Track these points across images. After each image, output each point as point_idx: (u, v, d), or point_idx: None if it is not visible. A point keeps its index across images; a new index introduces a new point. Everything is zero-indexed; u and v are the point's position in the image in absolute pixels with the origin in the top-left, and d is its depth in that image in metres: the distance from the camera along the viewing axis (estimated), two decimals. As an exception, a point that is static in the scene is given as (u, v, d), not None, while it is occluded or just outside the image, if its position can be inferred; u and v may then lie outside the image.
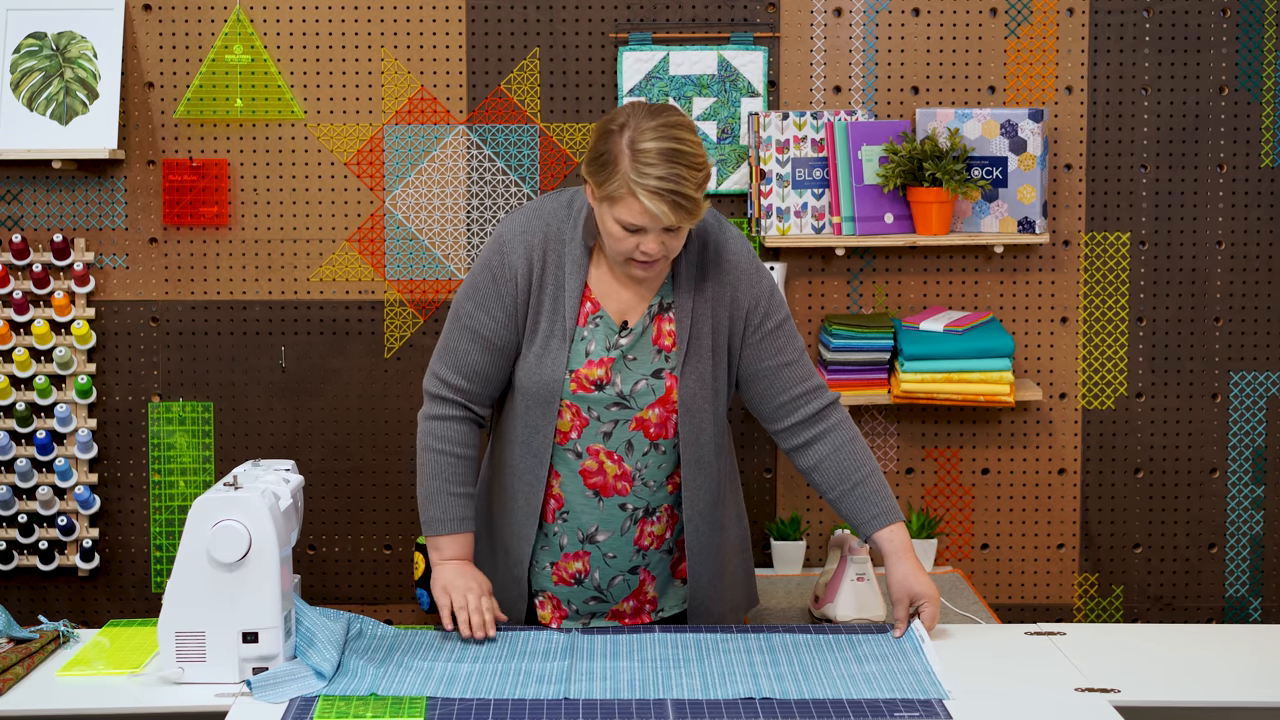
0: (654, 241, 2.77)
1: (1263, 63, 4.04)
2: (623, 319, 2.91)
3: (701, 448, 2.94)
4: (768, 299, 2.95)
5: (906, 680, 2.62)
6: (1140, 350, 4.13)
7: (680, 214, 2.73)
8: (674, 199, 2.72)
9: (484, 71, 4.02)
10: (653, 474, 2.94)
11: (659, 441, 2.93)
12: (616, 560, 2.98)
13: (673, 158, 2.72)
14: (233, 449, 4.10)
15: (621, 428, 2.91)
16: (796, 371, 2.97)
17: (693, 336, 2.91)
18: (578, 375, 2.89)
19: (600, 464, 2.93)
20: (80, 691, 2.61)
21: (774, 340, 2.95)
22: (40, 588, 4.13)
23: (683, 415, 2.91)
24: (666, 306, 2.92)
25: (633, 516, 2.96)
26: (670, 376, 2.90)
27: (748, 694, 2.56)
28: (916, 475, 4.14)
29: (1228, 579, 4.18)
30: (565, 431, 2.92)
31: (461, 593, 2.85)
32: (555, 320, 2.90)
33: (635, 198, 2.72)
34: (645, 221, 2.74)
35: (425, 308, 4.07)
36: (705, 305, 2.91)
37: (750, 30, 4.02)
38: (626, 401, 2.90)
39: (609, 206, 2.77)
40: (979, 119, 3.95)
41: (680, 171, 2.72)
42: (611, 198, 2.75)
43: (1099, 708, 2.51)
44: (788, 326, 2.98)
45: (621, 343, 2.90)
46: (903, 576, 2.89)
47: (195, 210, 4.03)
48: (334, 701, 2.54)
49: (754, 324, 2.94)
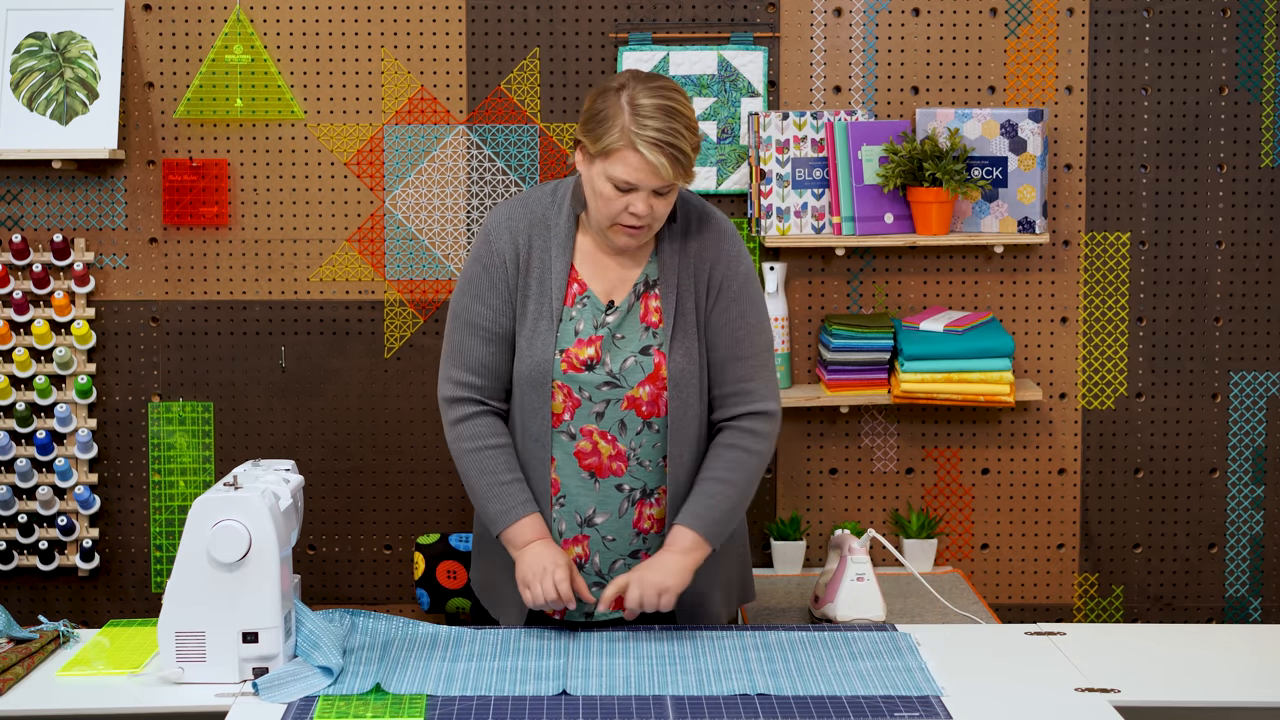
0: (643, 202, 2.81)
1: (1263, 63, 4.04)
2: (609, 298, 2.93)
3: (688, 423, 2.93)
4: (741, 284, 2.95)
5: (901, 677, 2.63)
6: (1140, 350, 4.13)
7: (676, 169, 2.79)
8: (672, 152, 2.77)
9: (484, 71, 4.02)
10: (647, 453, 2.94)
11: (652, 420, 2.93)
12: (616, 544, 2.98)
13: (671, 114, 2.79)
14: (233, 449, 4.10)
15: (614, 407, 2.92)
16: (742, 369, 2.95)
17: (679, 312, 2.92)
18: (568, 355, 2.90)
19: (595, 444, 2.93)
20: (80, 691, 2.62)
21: (734, 330, 2.95)
22: (40, 588, 4.13)
23: (671, 391, 2.91)
24: (652, 284, 2.94)
25: (630, 498, 2.96)
26: (659, 353, 2.92)
27: (743, 690, 2.56)
28: (916, 475, 4.14)
29: (1228, 579, 4.18)
30: (558, 413, 2.93)
31: (537, 586, 2.84)
32: (543, 302, 2.92)
33: (634, 149, 2.77)
34: (641, 177, 2.78)
35: (425, 308, 4.06)
36: (689, 281, 2.93)
37: (750, 30, 4.02)
38: (617, 380, 2.91)
39: (604, 163, 2.81)
40: (979, 119, 3.95)
41: (678, 127, 2.78)
42: (608, 152, 2.79)
43: (1099, 708, 2.51)
44: (753, 321, 2.96)
45: (609, 321, 2.92)
46: (653, 561, 2.88)
47: (195, 210, 4.03)
48: (334, 701, 2.54)
49: (723, 305, 2.95)
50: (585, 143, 2.84)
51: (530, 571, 2.86)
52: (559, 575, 2.83)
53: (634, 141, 2.76)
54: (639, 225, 2.84)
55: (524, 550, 2.90)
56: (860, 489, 4.14)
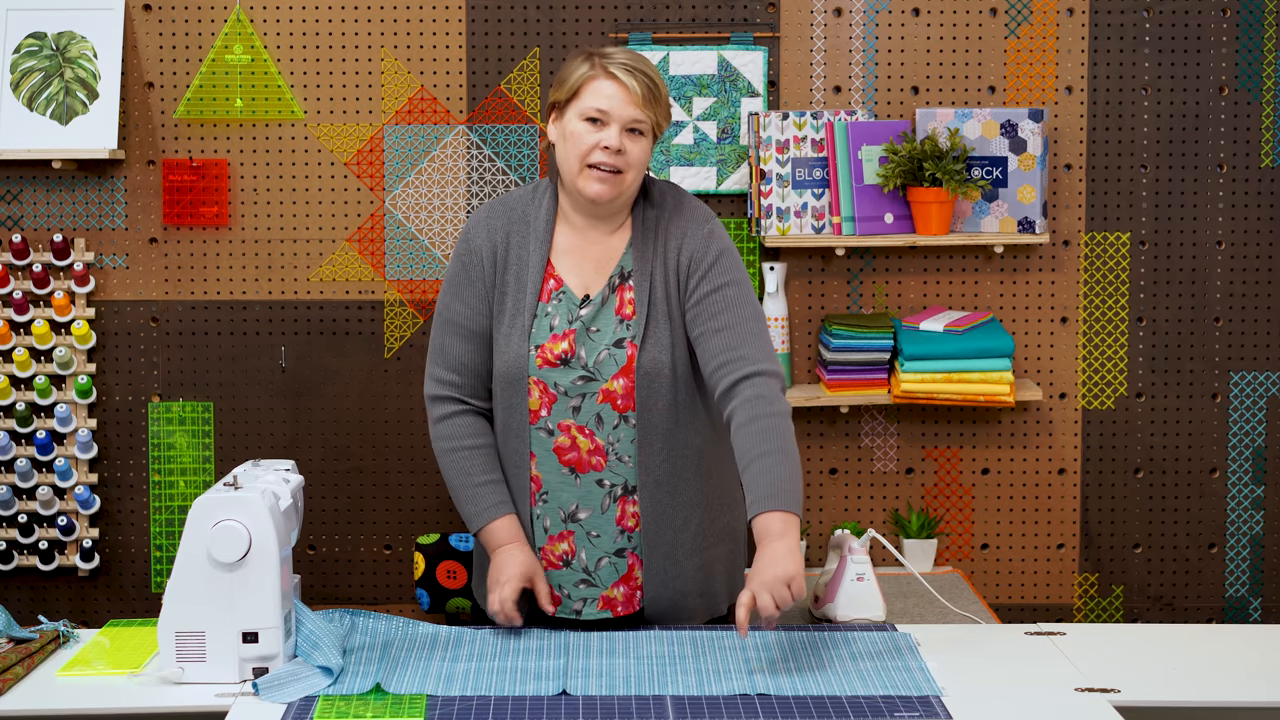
0: (615, 136, 2.85)
1: (1263, 63, 4.04)
2: (584, 292, 2.94)
3: (656, 414, 2.91)
4: (712, 262, 2.92)
5: (901, 677, 2.63)
6: (1140, 350, 4.13)
7: (648, 95, 2.87)
8: (643, 78, 2.87)
9: (484, 71, 4.02)
10: (625, 448, 2.94)
11: (628, 414, 2.93)
12: (601, 540, 2.98)
13: (636, 57, 2.90)
14: (233, 449, 4.10)
15: (589, 401, 2.92)
16: (725, 339, 2.86)
17: (652, 303, 2.92)
18: (542, 350, 2.92)
19: (573, 439, 2.94)
20: (80, 691, 2.61)
21: (709, 304, 2.89)
22: (40, 588, 4.13)
23: (640, 382, 2.90)
24: (626, 275, 2.95)
25: (612, 494, 2.96)
26: (631, 345, 2.92)
27: (743, 690, 2.56)
28: (916, 475, 4.14)
29: (1228, 579, 4.18)
30: (535, 410, 2.94)
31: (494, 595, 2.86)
32: (520, 298, 2.94)
33: (604, 76, 2.86)
34: (613, 104, 2.85)
35: (425, 308, 4.06)
36: (660, 270, 2.94)
37: (750, 30, 4.02)
38: (591, 373, 2.92)
39: (575, 103, 2.88)
40: (979, 119, 3.95)
41: (646, 65, 2.90)
42: (577, 90, 2.88)
43: (1099, 708, 2.51)
44: (729, 292, 2.90)
45: (582, 314, 2.93)
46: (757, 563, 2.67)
47: (195, 210, 4.03)
48: (334, 701, 2.54)
49: (692, 286, 2.92)
50: (556, 99, 2.91)
51: (492, 577, 2.90)
52: (505, 593, 2.85)
53: (605, 68, 2.86)
54: (612, 167, 2.87)
55: (495, 553, 2.93)
56: (860, 489, 4.14)
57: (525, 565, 2.89)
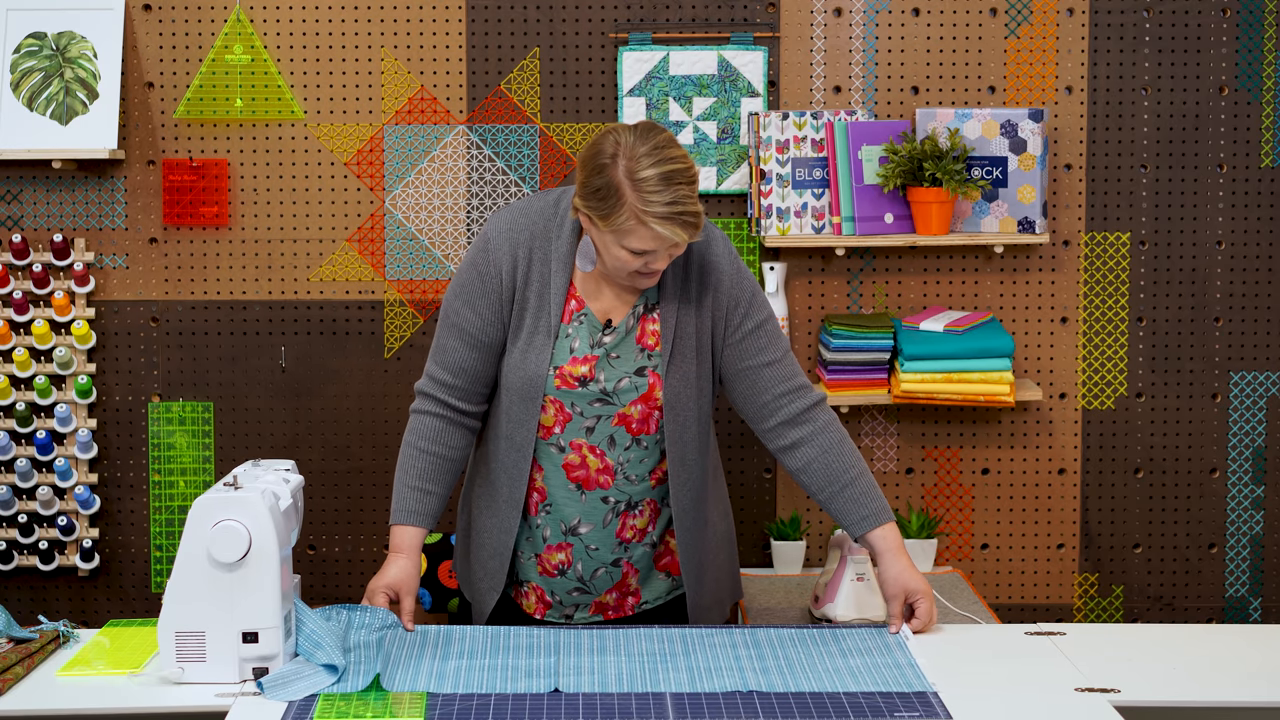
0: (663, 259, 2.83)
1: (1263, 63, 4.04)
2: (606, 317, 2.95)
3: (686, 445, 2.97)
4: (749, 300, 2.99)
5: (891, 674, 2.63)
6: (1140, 350, 4.13)
7: (690, 231, 2.80)
8: (684, 219, 2.78)
9: (484, 71, 4.03)
10: (634, 468, 2.97)
11: (641, 437, 2.96)
12: (599, 552, 3.00)
13: (673, 179, 2.77)
14: (233, 449, 4.10)
15: (604, 423, 2.94)
16: (779, 371, 2.99)
17: (677, 337, 2.94)
18: (561, 371, 2.92)
19: (583, 458, 2.96)
20: (80, 691, 2.61)
21: (755, 340, 2.98)
22: (40, 588, 4.13)
23: (668, 414, 2.94)
24: (651, 307, 2.96)
25: (615, 510, 2.99)
26: (653, 374, 2.94)
27: (734, 688, 2.56)
28: (916, 475, 4.14)
29: (1228, 579, 4.18)
30: (549, 426, 2.95)
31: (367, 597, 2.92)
32: (540, 317, 2.94)
33: (646, 226, 2.77)
34: (658, 245, 2.80)
35: (425, 308, 4.07)
36: (689, 307, 2.96)
37: (750, 30, 4.02)
38: (609, 398, 2.93)
39: (616, 238, 2.80)
40: (979, 119, 3.95)
41: (683, 192, 2.78)
42: (620, 230, 2.78)
43: (1099, 708, 2.51)
44: (769, 326, 3.00)
45: (605, 340, 2.94)
46: (897, 574, 2.91)
47: (195, 210, 4.04)
48: (334, 701, 2.54)
49: (734, 324, 2.98)
50: (592, 218, 2.82)
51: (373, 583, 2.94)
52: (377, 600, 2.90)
53: (645, 221, 2.76)
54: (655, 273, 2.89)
55: (389, 555, 2.98)
56: (860, 489, 4.14)
57: (398, 580, 2.93)
